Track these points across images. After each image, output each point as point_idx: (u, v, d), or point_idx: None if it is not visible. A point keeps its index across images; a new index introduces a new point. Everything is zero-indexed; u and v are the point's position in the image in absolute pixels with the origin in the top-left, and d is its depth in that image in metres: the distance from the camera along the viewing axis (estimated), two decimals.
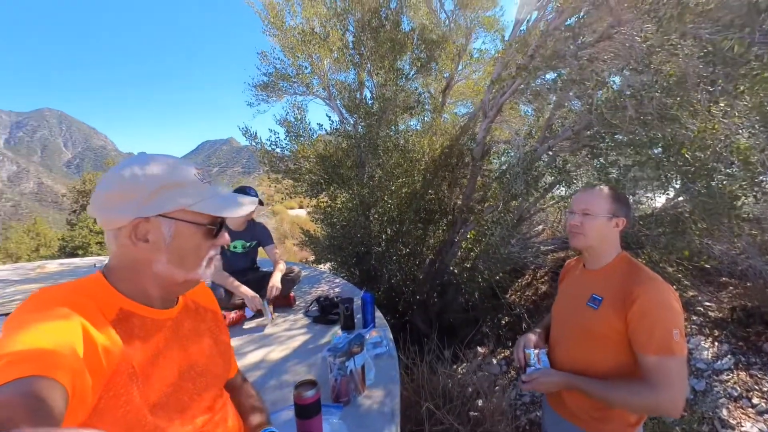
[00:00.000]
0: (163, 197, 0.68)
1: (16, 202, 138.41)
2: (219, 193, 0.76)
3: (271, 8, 5.02)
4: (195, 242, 0.73)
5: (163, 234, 0.70)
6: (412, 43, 4.60)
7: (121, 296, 0.70)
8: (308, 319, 2.55)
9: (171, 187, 0.69)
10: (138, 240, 0.69)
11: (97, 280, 0.70)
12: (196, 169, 0.75)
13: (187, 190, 0.71)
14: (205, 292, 0.95)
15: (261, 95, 5.45)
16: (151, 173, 0.68)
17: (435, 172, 3.87)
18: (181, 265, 0.73)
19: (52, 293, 0.63)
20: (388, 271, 4.35)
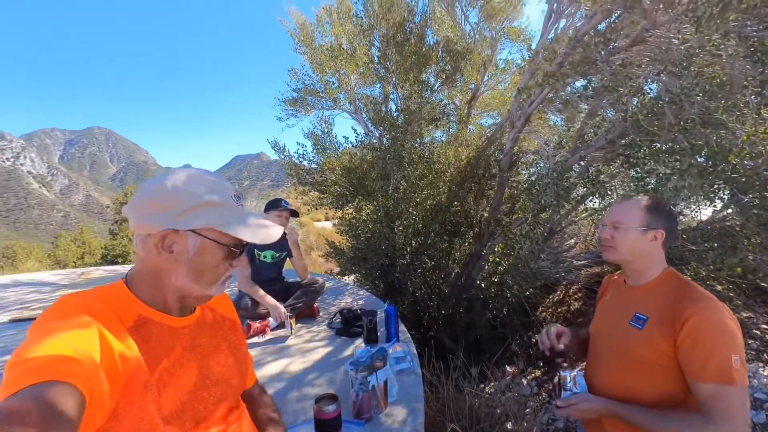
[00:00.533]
0: (197, 213, 0.70)
1: (66, 212, 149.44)
2: (249, 217, 0.77)
3: (302, 28, 5.24)
4: (215, 260, 0.74)
5: (188, 248, 0.71)
6: (436, 56, 4.62)
7: (140, 303, 0.72)
8: (331, 331, 2.53)
9: (206, 205, 0.71)
10: (163, 249, 0.71)
11: (117, 288, 0.72)
12: (233, 191, 0.77)
13: (220, 210, 0.72)
14: (223, 301, 0.95)
15: (290, 110, 5.64)
16: (192, 189, 0.71)
17: (461, 183, 3.81)
18: (198, 280, 0.74)
19: (73, 301, 0.65)
20: (412, 284, 4.28)
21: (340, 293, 3.51)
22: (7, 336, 2.67)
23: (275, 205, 2.68)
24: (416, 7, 4.56)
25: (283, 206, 2.68)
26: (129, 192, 14.75)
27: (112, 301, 0.68)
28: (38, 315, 2.15)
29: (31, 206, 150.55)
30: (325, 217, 20.22)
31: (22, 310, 3.18)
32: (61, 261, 13.75)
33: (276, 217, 2.67)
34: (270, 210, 2.68)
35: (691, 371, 0.96)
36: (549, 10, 3.67)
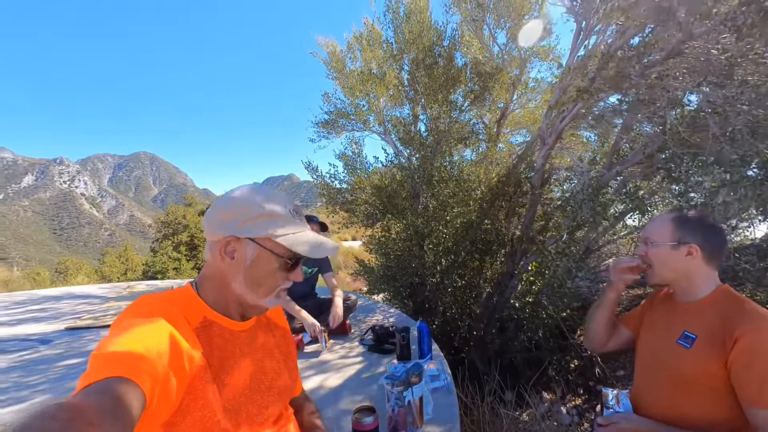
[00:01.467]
0: (257, 223, 0.74)
1: (112, 231, 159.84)
2: (305, 231, 0.80)
3: (333, 56, 5.51)
4: (270, 270, 0.77)
5: (247, 255, 0.75)
6: (465, 77, 4.70)
7: (205, 306, 0.77)
8: (363, 348, 2.54)
9: (267, 216, 0.75)
10: (225, 255, 0.75)
11: (186, 291, 0.79)
12: (293, 205, 0.82)
13: (278, 221, 0.76)
14: (277, 310, 1.01)
15: (322, 132, 5.88)
16: (255, 200, 0.76)
17: (491, 201, 3.78)
18: (253, 289, 0.77)
19: (149, 301, 0.71)
20: (443, 303, 4.22)
21: (370, 311, 3.52)
22: (63, 343, 2.86)
23: (314, 222, 2.78)
24: (445, 32, 4.70)
25: (314, 221, 2.78)
26: (170, 212, 15.61)
27: (182, 303, 0.75)
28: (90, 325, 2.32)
29: (82, 225, 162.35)
30: (353, 237, 20.44)
31: (75, 320, 3.42)
32: (106, 276, 14.62)
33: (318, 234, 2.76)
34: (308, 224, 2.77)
35: (745, 396, 0.90)
36: (577, 28, 3.68)
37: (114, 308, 3.89)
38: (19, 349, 2.72)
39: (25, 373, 2.29)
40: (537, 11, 4.53)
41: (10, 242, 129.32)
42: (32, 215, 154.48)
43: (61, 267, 16.39)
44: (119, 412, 0.48)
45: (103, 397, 0.48)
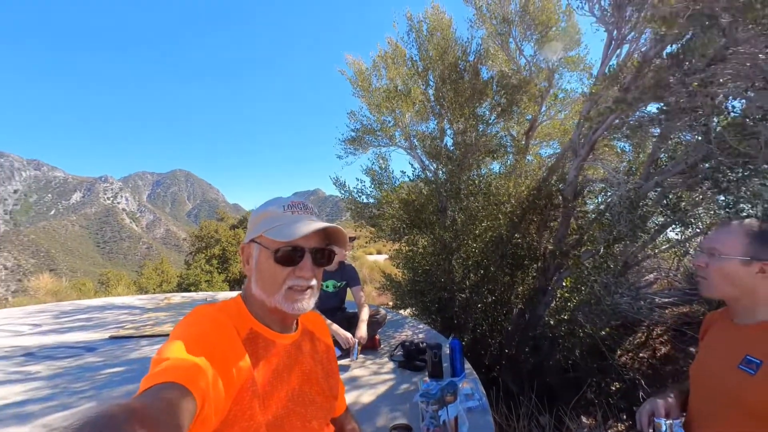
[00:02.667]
0: (257, 225, 0.80)
1: (149, 245, 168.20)
2: (292, 220, 0.78)
3: (359, 74, 5.66)
4: (270, 266, 0.77)
5: (253, 256, 0.80)
6: (491, 90, 4.68)
7: (251, 317, 0.80)
8: (393, 364, 2.51)
9: (264, 216, 0.81)
10: (245, 262, 0.82)
11: (237, 302, 0.82)
12: (292, 201, 0.83)
13: (271, 218, 0.80)
14: (321, 325, 1.01)
15: (349, 149, 6.00)
16: (259, 207, 0.84)
17: (522, 215, 3.69)
18: (263, 288, 0.78)
19: (204, 311, 0.75)
20: (472, 319, 4.11)
21: (399, 326, 3.48)
22: (107, 351, 3.01)
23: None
24: (469, 47, 4.73)
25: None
26: (203, 227, 16.26)
27: (232, 314, 0.78)
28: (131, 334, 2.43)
29: (123, 239, 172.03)
30: (378, 251, 20.44)
31: (118, 329, 3.59)
32: (143, 287, 15.28)
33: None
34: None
35: None
36: (608, 38, 3.61)
37: (153, 319, 4.06)
38: (66, 356, 2.88)
39: (73, 379, 2.42)
40: (564, 22, 4.48)
41: (59, 254, 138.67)
42: (79, 229, 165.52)
43: (103, 278, 17.29)
44: (171, 416, 0.50)
45: (158, 401, 0.51)
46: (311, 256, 0.79)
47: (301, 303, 0.78)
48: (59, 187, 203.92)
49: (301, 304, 0.78)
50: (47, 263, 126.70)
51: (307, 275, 0.78)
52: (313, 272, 0.80)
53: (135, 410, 0.45)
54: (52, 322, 3.87)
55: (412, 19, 4.99)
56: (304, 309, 0.79)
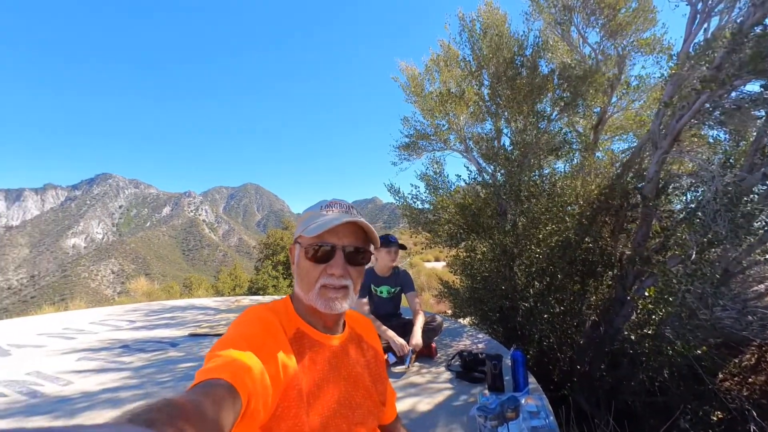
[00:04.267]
0: (299, 226, 0.84)
1: (225, 252, 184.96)
2: (326, 218, 0.79)
3: (412, 80, 5.67)
4: (304, 264, 0.79)
5: (296, 256, 0.83)
6: (552, 84, 4.37)
7: (297, 317, 0.81)
8: (450, 374, 2.40)
9: (304, 217, 0.84)
10: (292, 262, 0.84)
11: (285, 302, 0.84)
12: (332, 201, 0.85)
13: (308, 219, 0.82)
14: (369, 329, 1.00)
15: (403, 155, 6.01)
16: (304, 212, 0.87)
17: (592, 216, 3.35)
18: (301, 286, 0.81)
19: (256, 311, 0.78)
20: (538, 331, 3.81)
21: (457, 335, 3.35)
22: (186, 347, 3.31)
23: (384, 243, 2.80)
24: (526, 41, 4.47)
25: (392, 242, 2.79)
26: (270, 235, 17.42)
27: (280, 313, 0.80)
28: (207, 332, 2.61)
29: (203, 247, 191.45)
30: (435, 258, 20.10)
31: (195, 328, 3.94)
32: (220, 290, 16.64)
33: (386, 254, 2.78)
34: (380, 247, 2.80)
35: None
36: (692, 12, 3.17)
37: (225, 319, 4.41)
38: (154, 350, 3.23)
39: (157, 370, 2.69)
40: (636, 1, 4.04)
41: (153, 260, 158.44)
42: (168, 239, 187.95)
43: (186, 282, 19.21)
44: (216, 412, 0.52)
45: (205, 397, 0.53)
46: (343, 254, 0.78)
47: (334, 303, 0.77)
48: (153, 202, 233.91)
49: (335, 304, 0.77)
50: (144, 268, 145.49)
51: (338, 273, 0.77)
52: (345, 271, 0.78)
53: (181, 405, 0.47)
54: (143, 320, 4.38)
55: (464, 19, 4.88)
56: (338, 309, 0.78)
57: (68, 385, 2.41)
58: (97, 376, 2.59)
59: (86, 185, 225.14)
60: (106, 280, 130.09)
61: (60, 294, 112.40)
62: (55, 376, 2.56)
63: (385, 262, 2.82)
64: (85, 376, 2.60)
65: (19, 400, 2.19)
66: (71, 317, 4.47)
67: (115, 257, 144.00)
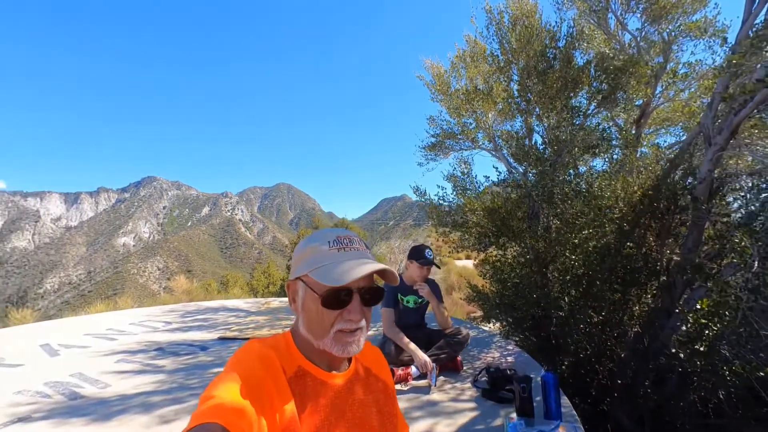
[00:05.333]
0: (302, 261, 0.75)
1: (260, 250, 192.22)
2: (340, 259, 0.72)
3: (438, 77, 5.52)
4: (316, 309, 0.73)
5: (300, 296, 0.76)
6: (588, 77, 4.08)
7: (299, 354, 0.76)
8: (476, 391, 2.28)
9: (310, 252, 0.75)
10: (292, 300, 0.78)
11: (286, 338, 0.79)
12: (338, 236, 0.76)
13: (314, 257, 0.74)
14: (378, 359, 0.94)
15: (429, 155, 5.88)
16: (304, 242, 0.78)
17: (635, 220, 3.08)
18: (310, 330, 0.75)
19: (255, 349, 0.74)
20: (573, 342, 3.58)
21: (485, 345, 3.21)
22: (215, 351, 3.40)
23: (418, 257, 2.67)
24: (559, 31, 4.20)
25: (427, 258, 2.63)
26: (301, 235, 17.85)
27: (281, 350, 0.76)
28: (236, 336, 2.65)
29: (240, 245, 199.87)
30: (466, 256, 19.72)
31: (225, 331, 4.05)
32: (254, 288, 17.20)
33: (417, 268, 2.67)
34: (413, 259, 2.70)
35: None
36: None
37: (254, 322, 4.50)
38: (186, 353, 3.34)
39: (187, 375, 2.77)
40: None
41: (194, 258, 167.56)
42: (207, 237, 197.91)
43: (224, 279, 20.04)
44: None
45: None
46: (360, 297, 0.74)
47: (351, 346, 0.74)
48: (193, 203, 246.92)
49: (352, 347, 0.74)
50: (186, 265, 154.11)
51: (357, 318, 0.74)
52: (363, 314, 0.74)
53: None
54: (179, 321, 4.57)
55: (491, 11, 4.67)
56: (355, 352, 0.75)
57: (106, 388, 2.53)
58: (133, 378, 2.70)
59: (134, 188, 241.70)
60: (152, 276, 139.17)
61: (113, 288, 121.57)
62: (95, 378, 2.70)
63: (416, 276, 2.71)
64: (122, 378, 2.72)
65: (60, 401, 2.31)
66: (115, 318, 4.75)
67: (160, 255, 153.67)
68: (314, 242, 0.76)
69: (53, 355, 3.26)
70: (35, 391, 2.47)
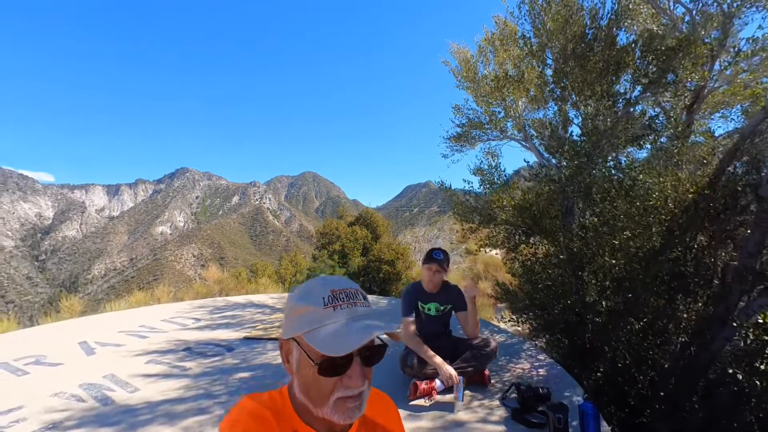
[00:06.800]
0: (294, 321, 0.68)
1: (288, 237, 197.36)
2: (334, 324, 0.65)
3: (464, 63, 5.21)
4: (312, 375, 0.65)
5: (294, 358, 0.69)
6: (632, 58, 3.68)
7: (294, 415, 0.70)
8: (506, 410, 2.14)
9: (299, 310, 0.67)
10: (285, 359, 0.71)
11: (282, 397, 0.73)
12: (332, 290, 0.67)
13: (305, 316, 0.66)
14: (389, 412, 0.85)
15: (455, 146, 5.62)
16: (297, 297, 0.69)
17: (687, 223, 2.77)
18: (307, 396, 0.67)
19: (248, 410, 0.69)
20: (611, 349, 3.34)
21: (514, 354, 3.04)
22: (240, 353, 3.43)
23: (424, 260, 2.57)
24: (603, 9, 3.79)
25: (434, 258, 2.53)
26: (326, 225, 17.99)
27: (277, 410, 0.70)
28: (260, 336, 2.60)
29: (268, 233, 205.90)
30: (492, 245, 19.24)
31: (250, 330, 4.10)
32: (282, 276, 17.59)
33: (426, 271, 2.55)
34: (427, 262, 2.59)
35: None
36: None
37: (278, 320, 4.53)
38: (213, 354, 3.39)
39: (212, 381, 2.80)
40: None
41: (226, 245, 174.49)
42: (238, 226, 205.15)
43: (254, 267, 20.72)
44: None
45: None
46: (360, 360, 0.66)
47: (353, 412, 0.67)
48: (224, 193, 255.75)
49: (354, 413, 0.67)
50: (219, 253, 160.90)
51: (358, 384, 0.66)
52: (364, 376, 0.67)
53: None
54: (207, 318, 4.67)
55: None
56: (357, 417, 0.68)
57: (135, 392, 2.59)
58: (160, 383, 2.76)
59: (168, 179, 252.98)
60: (188, 263, 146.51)
61: (153, 274, 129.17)
62: (125, 381, 2.77)
63: (425, 279, 2.58)
64: (150, 381, 2.78)
65: (92, 407, 2.38)
66: (148, 314, 4.92)
67: (194, 243, 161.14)
68: (307, 299, 0.68)
69: (90, 353, 3.40)
70: (71, 394, 2.56)
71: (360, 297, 0.70)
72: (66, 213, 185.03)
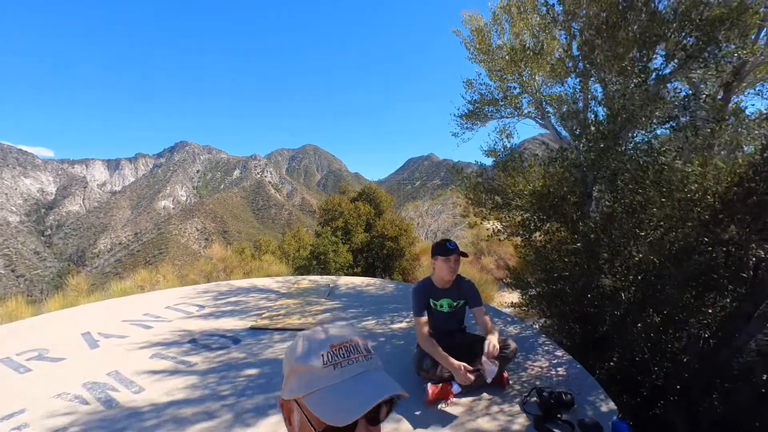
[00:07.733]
0: (293, 381, 0.64)
1: (290, 211, 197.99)
2: (336, 387, 0.60)
3: (477, 32, 4.82)
4: None
5: (296, 420, 0.64)
6: (669, 29, 3.33)
7: None
8: (528, 418, 2.03)
9: (297, 370, 0.63)
10: (287, 419, 0.67)
11: None
12: (331, 345, 0.63)
13: (305, 377, 0.62)
14: None
15: (465, 124, 5.32)
16: (292, 351, 0.66)
17: (722, 211, 2.56)
18: None
19: None
20: (629, 341, 3.23)
21: (531, 349, 2.93)
22: (247, 345, 3.34)
23: (440, 252, 2.42)
24: None
25: (450, 249, 2.39)
26: (329, 201, 17.76)
27: None
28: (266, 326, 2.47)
29: (271, 206, 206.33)
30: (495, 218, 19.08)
31: (256, 318, 4.01)
32: (285, 251, 17.48)
33: (443, 263, 2.40)
34: (437, 256, 2.44)
35: None
36: None
37: (284, 307, 4.45)
38: (218, 347, 3.31)
39: (219, 379, 2.71)
40: None
41: (229, 219, 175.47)
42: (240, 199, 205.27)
43: (257, 243, 20.69)
44: None
45: None
46: (366, 421, 0.61)
47: None
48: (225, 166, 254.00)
49: None
50: (222, 226, 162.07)
51: None
52: None
53: None
54: (211, 305, 4.59)
55: None
56: None
57: (140, 393, 2.51)
58: (166, 381, 2.67)
59: (168, 153, 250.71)
60: (192, 237, 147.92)
61: (158, 248, 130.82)
62: (130, 380, 2.69)
63: (443, 273, 2.44)
64: (156, 380, 2.70)
65: (96, 410, 2.30)
66: (152, 300, 4.85)
67: (197, 217, 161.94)
68: (305, 359, 0.63)
69: (93, 346, 3.32)
70: (74, 395, 2.48)
71: (362, 350, 0.65)
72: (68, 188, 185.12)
